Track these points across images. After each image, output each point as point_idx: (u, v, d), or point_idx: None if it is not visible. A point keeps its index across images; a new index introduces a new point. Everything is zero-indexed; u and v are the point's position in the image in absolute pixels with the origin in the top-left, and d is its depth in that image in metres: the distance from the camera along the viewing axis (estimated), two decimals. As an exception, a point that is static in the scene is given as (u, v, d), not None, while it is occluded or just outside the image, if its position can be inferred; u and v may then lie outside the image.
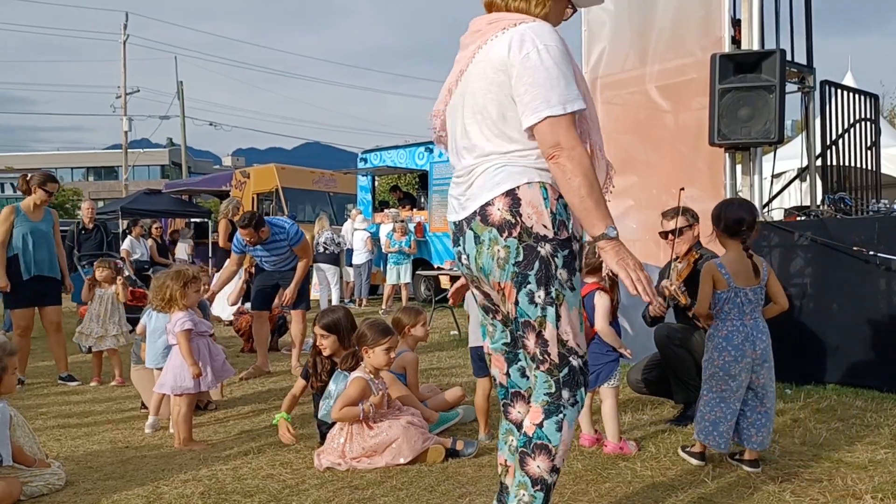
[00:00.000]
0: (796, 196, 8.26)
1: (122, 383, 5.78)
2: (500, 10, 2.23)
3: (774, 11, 5.71)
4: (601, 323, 3.62)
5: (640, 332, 5.32)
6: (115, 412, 4.90)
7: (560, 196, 2.09)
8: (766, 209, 5.56)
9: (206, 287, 6.03)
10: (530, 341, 2.17)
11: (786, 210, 5.84)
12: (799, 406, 4.36)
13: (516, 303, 2.15)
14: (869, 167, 6.44)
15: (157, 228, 13.05)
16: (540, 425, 2.16)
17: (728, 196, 5.36)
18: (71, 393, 5.61)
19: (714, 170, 5.47)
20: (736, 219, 3.24)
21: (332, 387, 3.81)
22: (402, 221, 11.73)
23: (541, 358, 2.17)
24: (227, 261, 6.47)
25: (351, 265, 12.12)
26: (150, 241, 12.19)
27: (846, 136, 6.10)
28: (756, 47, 5.30)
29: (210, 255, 15.74)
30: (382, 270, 12.06)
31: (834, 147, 5.96)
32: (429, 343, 7.29)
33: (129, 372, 5.12)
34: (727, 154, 5.38)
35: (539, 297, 2.11)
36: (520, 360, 2.40)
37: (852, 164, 6.18)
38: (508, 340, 2.41)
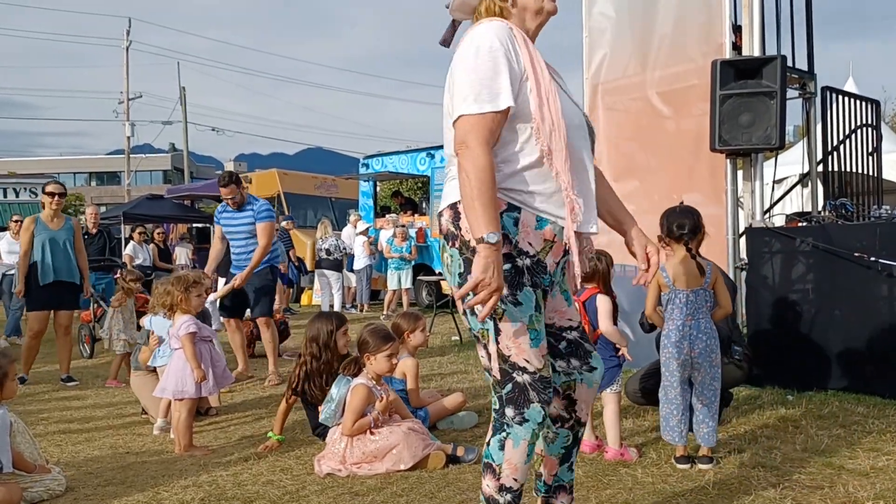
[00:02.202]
0: (798, 202, 8.24)
1: (118, 385, 5.98)
2: (478, 18, 2.24)
3: (775, 17, 5.72)
4: (605, 323, 3.62)
5: (642, 339, 5.31)
6: (115, 418, 4.90)
7: (504, 210, 2.05)
8: (767, 215, 5.56)
9: (210, 291, 6.00)
10: (482, 353, 2.18)
11: (787, 216, 5.84)
12: (800, 412, 4.35)
13: (464, 313, 2.17)
14: (870, 173, 6.44)
15: (159, 233, 13.05)
16: (488, 443, 2.18)
17: (730, 202, 5.36)
18: (72, 398, 5.61)
19: (715, 176, 5.47)
20: (678, 224, 3.44)
21: (333, 391, 3.81)
22: (403, 227, 11.73)
23: (487, 372, 2.18)
24: (214, 238, 6.41)
25: (352, 270, 12.12)
26: (151, 247, 12.20)
27: (847, 141, 6.10)
28: (757, 53, 5.31)
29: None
30: (384, 275, 12.05)
31: (835, 153, 5.96)
32: (430, 348, 7.29)
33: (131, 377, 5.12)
34: (728, 160, 5.38)
35: (478, 310, 2.06)
36: None
37: (854, 170, 6.18)
38: None
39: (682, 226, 3.43)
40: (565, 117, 2.08)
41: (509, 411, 2.11)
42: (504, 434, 2.12)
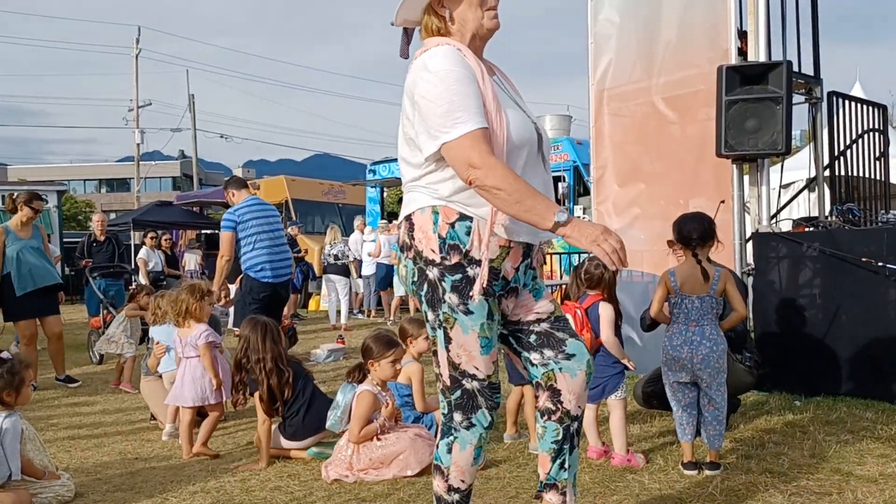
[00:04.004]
0: (805, 207, 8.23)
1: (117, 385, 6.12)
2: (427, 35, 2.25)
3: (781, 23, 5.71)
4: (607, 333, 3.63)
5: (648, 344, 5.31)
6: (124, 423, 4.93)
7: (456, 220, 2.09)
8: (774, 220, 5.55)
9: (228, 299, 5.95)
10: (434, 358, 2.25)
11: (794, 221, 5.82)
12: (808, 418, 4.33)
13: (425, 316, 2.23)
14: (878, 177, 6.42)
15: (166, 240, 13.11)
16: (437, 446, 2.26)
17: (736, 207, 5.36)
18: (81, 404, 5.64)
19: (721, 181, 5.47)
20: (688, 230, 3.45)
21: (339, 397, 3.83)
22: None
23: (437, 377, 2.24)
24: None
25: (360, 276, 12.14)
26: (159, 253, 12.25)
27: (855, 146, 6.09)
28: (762, 59, 5.31)
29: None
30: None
31: (842, 158, 5.95)
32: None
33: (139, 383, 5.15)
34: (734, 165, 5.38)
35: (430, 318, 2.18)
36: None
37: (861, 175, 6.17)
38: None
39: (691, 232, 3.44)
40: (510, 136, 2.10)
41: (457, 416, 2.20)
42: (452, 438, 2.21)
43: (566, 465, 2.32)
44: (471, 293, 2.10)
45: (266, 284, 5.58)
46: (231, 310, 7.82)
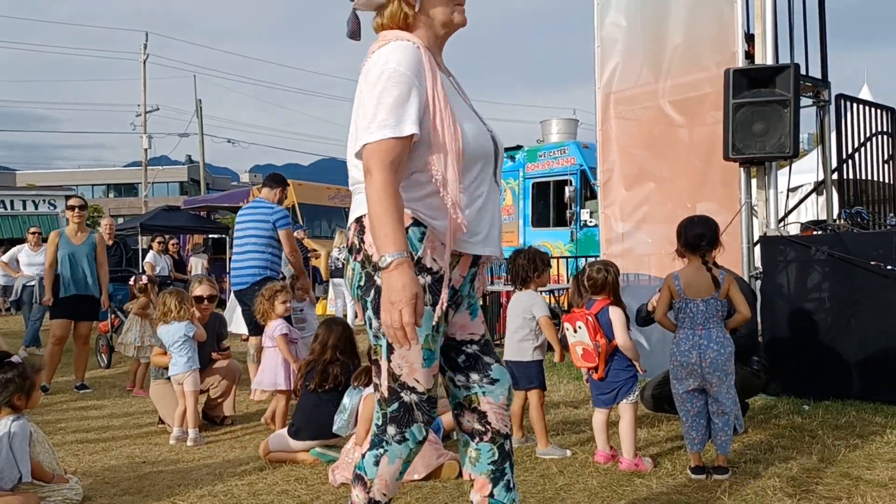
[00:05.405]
0: (813, 210, 8.20)
1: (132, 388, 6.21)
2: (381, 28, 2.17)
3: (788, 26, 5.70)
4: (623, 337, 3.61)
5: (657, 348, 5.30)
6: (132, 427, 4.95)
7: (410, 226, 2.01)
8: (782, 224, 5.53)
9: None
10: (375, 367, 2.15)
11: (802, 224, 5.82)
12: (817, 422, 4.31)
13: (368, 325, 2.13)
14: (886, 181, 6.40)
15: (173, 244, 13.15)
16: (364, 455, 2.17)
17: (744, 211, 5.35)
18: (89, 408, 5.66)
19: (729, 184, 5.46)
20: (696, 234, 3.44)
21: (346, 401, 3.83)
22: None
23: (375, 387, 2.15)
24: None
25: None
26: (166, 257, 12.29)
27: (863, 149, 6.07)
28: (770, 62, 5.30)
29: (227, 270, 15.85)
30: None
31: (850, 161, 5.93)
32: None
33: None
34: (742, 168, 5.36)
35: (374, 325, 2.07)
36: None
37: (869, 178, 6.14)
38: None
39: (700, 236, 3.42)
40: (466, 147, 2.05)
41: (391, 429, 2.11)
42: (382, 451, 2.13)
43: (511, 486, 2.25)
44: (426, 302, 2.00)
45: (235, 291, 5.74)
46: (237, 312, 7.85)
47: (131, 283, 6.92)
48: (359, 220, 2.11)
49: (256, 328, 5.73)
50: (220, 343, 5.13)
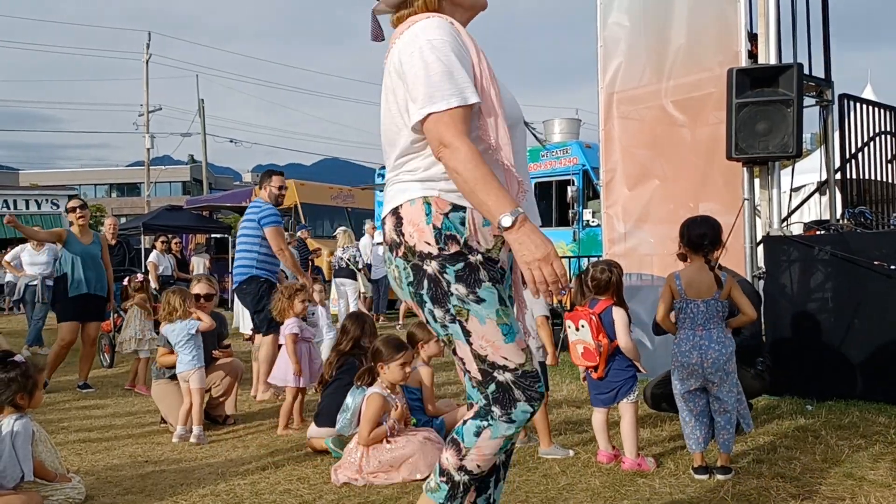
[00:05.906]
0: (816, 210, 8.18)
1: (132, 386, 6.26)
2: (402, 21, 2.14)
3: (791, 25, 5.70)
4: (625, 338, 3.61)
5: (659, 348, 5.30)
6: (135, 426, 4.95)
7: (450, 211, 1.98)
8: (785, 223, 5.53)
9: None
10: (455, 357, 2.08)
11: (805, 224, 5.80)
12: (820, 422, 4.30)
13: (426, 321, 2.08)
14: (889, 180, 6.38)
15: (176, 244, 13.16)
16: (465, 422, 2.07)
17: (747, 211, 5.34)
18: (92, 407, 5.67)
19: (732, 184, 5.45)
20: (699, 234, 3.43)
21: (349, 400, 3.84)
22: None
23: (466, 373, 2.07)
24: None
25: (370, 280, 12.14)
26: (169, 257, 12.30)
27: (866, 149, 6.06)
28: (773, 61, 5.29)
29: (230, 269, 15.86)
30: None
31: (853, 160, 5.92)
32: (445, 357, 7.29)
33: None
34: (745, 168, 5.35)
35: (438, 315, 2.00)
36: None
37: (872, 178, 6.13)
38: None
39: (703, 236, 3.42)
40: (509, 112, 2.03)
41: (496, 410, 2.01)
42: (486, 423, 2.02)
43: (492, 501, 2.19)
44: (479, 279, 1.96)
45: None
46: (242, 310, 7.88)
47: (125, 282, 6.98)
48: (395, 212, 2.03)
49: (258, 326, 5.75)
50: (220, 342, 5.14)
